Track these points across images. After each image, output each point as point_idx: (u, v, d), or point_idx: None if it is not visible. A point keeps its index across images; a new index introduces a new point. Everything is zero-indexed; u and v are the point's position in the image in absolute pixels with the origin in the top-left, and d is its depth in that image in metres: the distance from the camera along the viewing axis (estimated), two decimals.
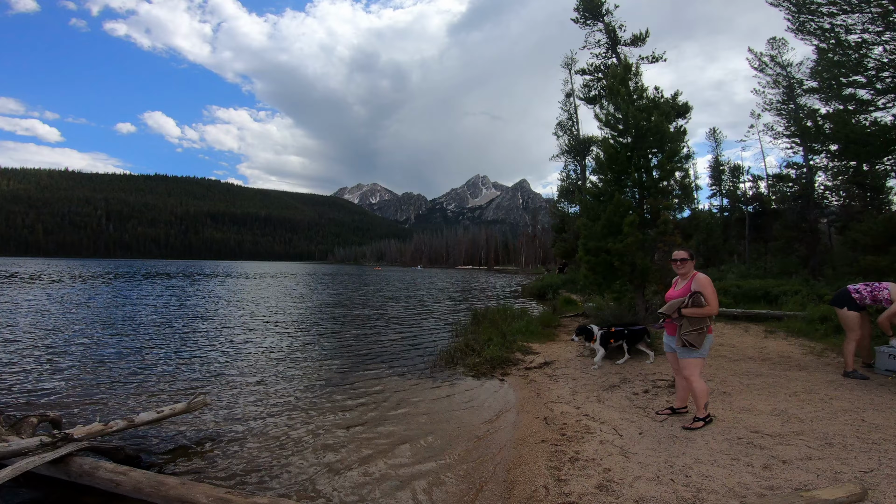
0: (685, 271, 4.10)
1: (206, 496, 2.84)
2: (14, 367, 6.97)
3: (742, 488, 2.84)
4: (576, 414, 4.71)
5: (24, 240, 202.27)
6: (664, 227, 8.43)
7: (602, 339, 6.92)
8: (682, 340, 3.93)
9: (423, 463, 3.88)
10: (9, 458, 3.25)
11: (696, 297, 3.88)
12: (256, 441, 4.37)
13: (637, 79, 8.66)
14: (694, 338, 3.89)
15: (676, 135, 8.48)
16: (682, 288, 4.05)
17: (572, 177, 26.46)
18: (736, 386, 5.43)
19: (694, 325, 3.90)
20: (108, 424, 3.91)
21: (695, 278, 4.01)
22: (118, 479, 3.18)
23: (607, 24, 19.05)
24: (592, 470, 3.29)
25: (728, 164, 29.39)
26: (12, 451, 3.26)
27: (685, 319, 3.93)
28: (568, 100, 25.97)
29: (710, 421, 4.09)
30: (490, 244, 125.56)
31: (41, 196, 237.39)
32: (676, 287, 4.18)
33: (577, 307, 14.87)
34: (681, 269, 4.11)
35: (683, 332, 3.92)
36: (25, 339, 9.19)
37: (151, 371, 6.93)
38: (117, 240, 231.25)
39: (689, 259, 4.07)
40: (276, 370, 7.10)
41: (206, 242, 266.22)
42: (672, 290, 4.20)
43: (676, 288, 4.17)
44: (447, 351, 8.10)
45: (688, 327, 3.91)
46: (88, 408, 5.23)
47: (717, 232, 26.14)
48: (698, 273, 4.05)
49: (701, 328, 3.90)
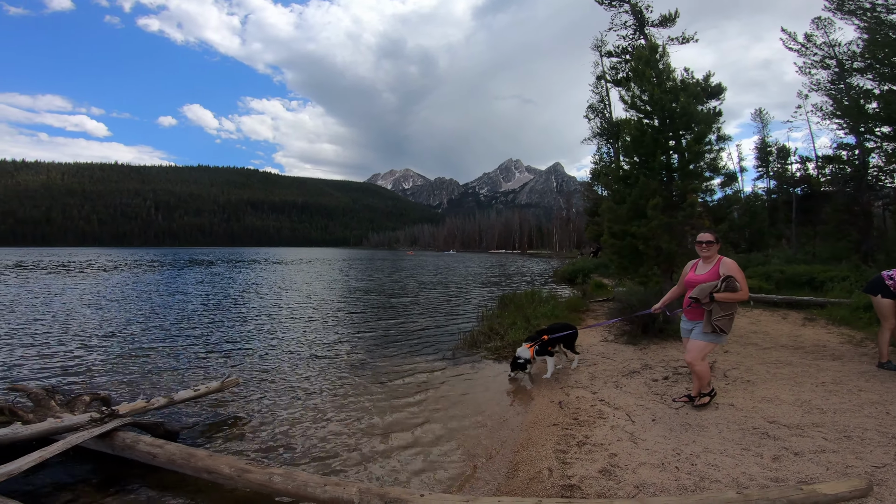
0: (709, 254, 4.01)
1: (229, 467, 3.06)
2: (69, 348, 7.61)
3: (746, 479, 2.82)
4: (591, 399, 4.73)
5: (81, 231, 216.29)
6: (691, 210, 8.17)
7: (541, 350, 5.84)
8: (714, 326, 3.84)
9: (437, 445, 4.00)
10: (62, 433, 3.52)
11: (731, 280, 3.77)
12: (282, 417, 4.62)
13: (664, 60, 8.30)
14: (725, 323, 3.83)
15: (707, 116, 8.12)
16: (709, 272, 3.96)
17: (605, 159, 25.77)
18: (761, 374, 5.28)
19: (726, 310, 3.82)
20: (151, 401, 4.19)
21: (721, 262, 3.93)
22: (155, 451, 3.41)
23: (633, 5, 18.25)
24: (598, 454, 3.34)
25: (775, 145, 27.76)
26: (65, 426, 3.55)
27: (716, 304, 3.82)
28: (599, 82, 25.22)
29: (715, 394, 4.24)
30: (523, 228, 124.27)
31: (94, 189, 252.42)
32: (697, 271, 4.09)
33: (607, 292, 14.63)
34: (705, 251, 4.02)
35: (715, 317, 3.83)
36: (79, 323, 9.97)
37: (189, 352, 7.40)
38: (166, 229, 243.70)
39: (714, 242, 3.98)
40: (305, 351, 7.42)
41: (247, 230, 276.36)
42: (692, 273, 4.12)
43: (698, 272, 4.08)
44: (471, 334, 8.21)
45: (719, 312, 3.82)
46: (131, 386, 5.65)
47: (762, 215, 24.90)
48: (724, 257, 3.97)
49: (731, 314, 3.84)
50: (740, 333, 7.82)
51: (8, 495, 2.81)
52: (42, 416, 3.86)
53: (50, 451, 3.18)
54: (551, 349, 5.91)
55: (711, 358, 5.91)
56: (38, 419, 3.77)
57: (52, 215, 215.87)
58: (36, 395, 4.22)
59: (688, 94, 7.77)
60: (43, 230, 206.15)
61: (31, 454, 3.06)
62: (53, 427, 3.52)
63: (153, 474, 3.41)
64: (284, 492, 2.88)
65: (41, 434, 3.49)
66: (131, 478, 3.41)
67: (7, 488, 2.93)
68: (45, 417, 3.77)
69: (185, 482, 3.27)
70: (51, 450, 3.19)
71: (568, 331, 6.11)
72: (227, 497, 3.15)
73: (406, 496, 2.61)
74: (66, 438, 3.39)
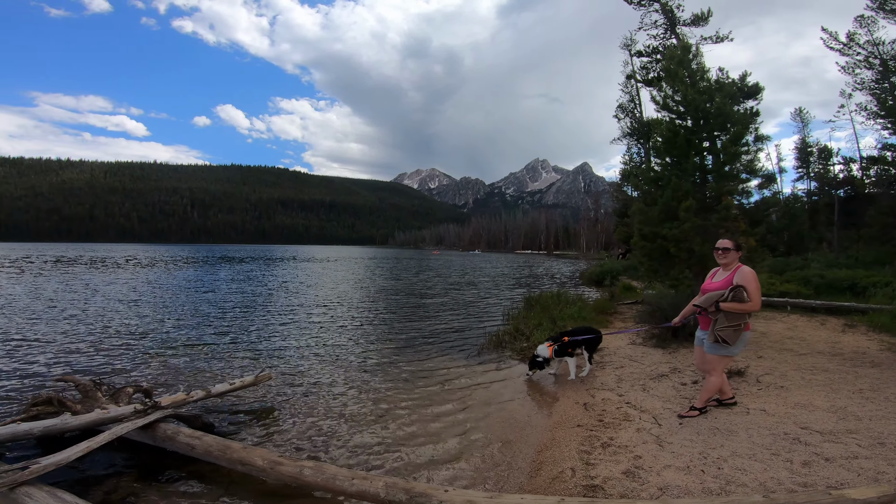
0: (727, 261, 3.89)
1: (262, 459, 3.15)
2: (112, 341, 8.06)
3: (774, 483, 2.82)
4: (617, 401, 4.74)
5: (122, 227, 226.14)
6: (725, 212, 7.99)
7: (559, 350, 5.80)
8: (716, 336, 3.74)
9: (460, 442, 4.09)
10: (108, 424, 3.63)
11: (739, 291, 3.66)
12: (311, 412, 4.79)
13: (698, 60, 8.13)
14: (729, 334, 3.70)
15: (744, 117, 7.92)
16: (723, 280, 3.86)
17: (636, 160, 25.33)
18: (796, 381, 5.18)
19: (731, 320, 3.70)
20: (190, 394, 4.32)
21: (738, 271, 3.81)
22: (193, 443, 3.49)
23: (664, 5, 17.85)
24: (623, 456, 3.37)
25: (817, 145, 26.67)
26: (111, 417, 3.67)
27: (722, 314, 3.72)
28: (629, 82, 24.82)
29: (706, 412, 4.12)
30: (550, 228, 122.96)
31: (135, 187, 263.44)
32: (715, 278, 4.00)
33: (636, 294, 14.43)
34: (722, 258, 3.90)
35: (718, 327, 3.73)
36: (120, 317, 10.55)
37: (223, 347, 7.71)
38: (201, 226, 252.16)
39: (732, 249, 3.85)
40: (334, 349, 7.65)
41: (277, 228, 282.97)
42: (709, 281, 4.03)
43: (715, 279, 3.98)
44: (496, 335, 8.29)
45: (724, 322, 3.71)
46: (168, 378, 5.91)
47: (801, 218, 23.99)
48: (743, 265, 3.85)
49: (738, 325, 3.71)
50: (776, 339, 7.63)
51: (54, 484, 2.88)
52: (89, 406, 3.96)
53: (97, 442, 3.27)
54: (571, 351, 5.88)
55: (744, 363, 5.82)
56: (86, 410, 3.88)
57: (94, 212, 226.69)
58: (84, 386, 4.29)
59: (723, 95, 7.60)
60: (87, 226, 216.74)
61: (78, 444, 3.16)
62: (100, 418, 3.64)
63: (189, 465, 3.51)
64: (314, 484, 2.94)
65: (89, 425, 3.60)
66: (169, 468, 3.52)
67: (52, 478, 2.99)
68: (93, 408, 3.88)
69: (218, 473, 3.38)
70: (97, 440, 3.29)
71: (589, 335, 6.04)
72: (259, 489, 3.25)
73: (430, 491, 2.65)
74: (111, 429, 3.50)
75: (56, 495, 2.70)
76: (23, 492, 2.67)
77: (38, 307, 11.46)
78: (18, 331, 8.51)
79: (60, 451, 3.02)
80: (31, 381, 5.62)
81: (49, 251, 58.14)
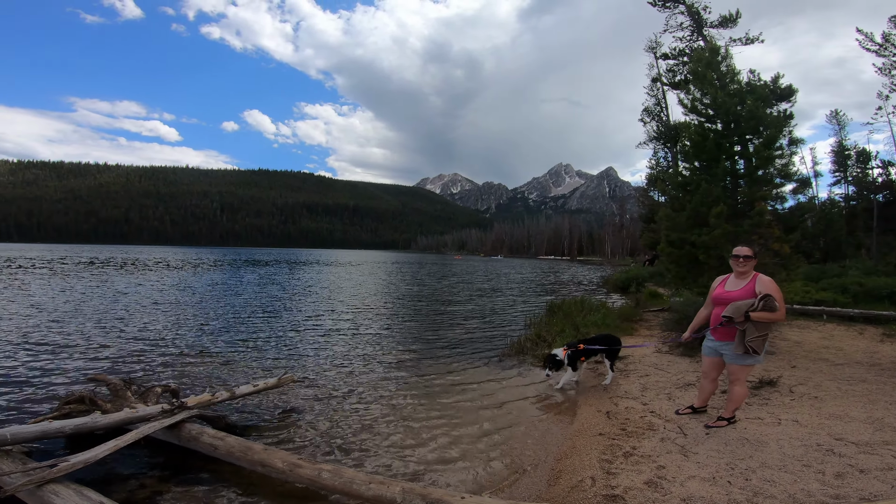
0: (745, 270, 3.82)
1: (282, 461, 3.20)
2: (140, 342, 8.31)
3: (804, 495, 2.74)
4: (641, 410, 4.67)
5: (155, 230, 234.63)
6: (759, 218, 7.78)
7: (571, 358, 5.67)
8: (747, 347, 3.65)
9: (479, 449, 4.08)
10: (136, 423, 3.69)
11: (769, 300, 3.57)
12: (332, 415, 4.81)
13: (727, 62, 7.96)
14: (759, 344, 3.64)
15: (777, 120, 7.71)
16: (743, 289, 3.77)
17: (662, 164, 24.85)
18: (832, 391, 5.00)
19: (761, 330, 3.63)
20: (215, 395, 4.37)
21: (758, 279, 3.74)
22: (216, 443, 3.54)
23: (689, 6, 17.48)
24: (645, 466, 3.30)
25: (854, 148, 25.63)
26: (139, 416, 3.72)
27: (751, 324, 3.62)
28: (654, 85, 24.38)
29: (735, 422, 4.03)
30: (573, 234, 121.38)
31: (168, 191, 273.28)
32: (727, 286, 3.91)
33: (662, 301, 14.12)
34: (741, 266, 3.82)
35: (749, 337, 3.64)
36: (149, 317, 10.95)
37: (248, 349, 7.88)
38: (230, 230, 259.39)
39: (752, 257, 3.81)
40: (356, 353, 7.72)
41: (302, 232, 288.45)
42: (721, 289, 3.93)
43: (728, 287, 3.89)
44: (518, 341, 8.25)
45: (754, 333, 3.63)
46: (193, 379, 6.03)
47: (838, 223, 23.06)
48: (760, 274, 3.79)
49: (766, 334, 3.66)
50: (811, 348, 7.38)
51: (79, 482, 2.90)
52: (119, 405, 4.05)
53: (124, 440, 3.32)
54: (584, 360, 5.79)
55: (776, 373, 5.65)
56: (115, 409, 3.97)
57: (130, 215, 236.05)
58: (115, 385, 4.40)
59: (755, 97, 7.41)
60: (122, 229, 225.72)
61: (107, 443, 3.20)
62: (129, 417, 3.70)
63: (211, 465, 3.57)
64: (331, 487, 2.96)
65: (118, 423, 3.66)
66: (191, 468, 3.57)
67: (78, 476, 3.00)
68: (122, 407, 3.97)
69: (238, 475, 3.44)
70: (125, 439, 3.34)
71: (602, 345, 5.83)
72: (277, 491, 3.29)
73: (447, 497, 2.65)
74: (139, 428, 3.56)
75: (82, 493, 2.74)
76: (50, 489, 2.71)
77: (70, 307, 11.97)
78: (49, 331, 8.81)
79: (89, 450, 3.07)
80: (60, 380, 5.80)
81: (86, 253, 60.75)
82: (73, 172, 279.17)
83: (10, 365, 6.40)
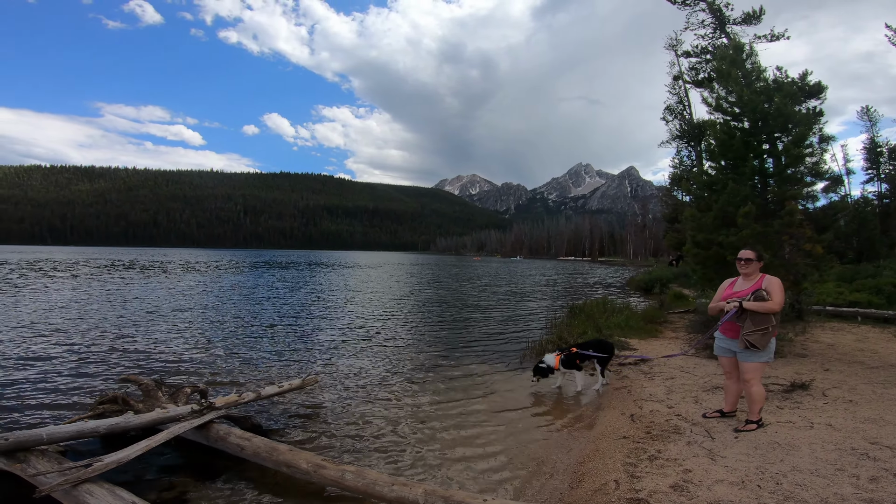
0: (749, 272, 3.88)
1: (307, 462, 3.22)
2: (168, 343, 8.54)
3: (837, 499, 2.68)
4: (666, 413, 4.62)
5: (182, 233, 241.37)
6: (790, 217, 7.58)
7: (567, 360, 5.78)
8: (745, 341, 3.68)
9: (501, 451, 4.09)
10: (167, 423, 3.73)
11: (759, 292, 3.66)
12: (355, 418, 4.84)
13: (752, 59, 7.78)
14: (757, 339, 3.64)
15: (806, 117, 7.51)
16: (749, 289, 3.84)
17: (686, 163, 24.35)
18: (867, 395, 4.87)
19: (758, 324, 3.64)
20: (241, 396, 4.41)
21: (765, 279, 3.82)
22: (243, 444, 3.56)
23: (710, 3, 17.06)
24: (671, 469, 3.25)
25: (886, 144, 24.66)
26: (170, 416, 3.76)
27: (748, 318, 3.68)
28: (676, 83, 23.91)
29: (763, 425, 3.95)
30: (594, 234, 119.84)
31: (193, 194, 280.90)
32: (736, 287, 4.00)
33: (688, 303, 13.86)
34: (744, 268, 3.88)
35: (746, 331, 3.69)
36: (175, 319, 11.28)
37: (272, 350, 8.01)
38: (253, 232, 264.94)
39: (754, 260, 3.84)
40: (379, 356, 7.79)
41: (323, 234, 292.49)
42: (730, 290, 4.02)
43: (736, 288, 3.99)
44: (539, 343, 8.23)
45: (750, 327, 3.67)
46: (219, 379, 6.15)
47: (872, 222, 22.22)
48: (767, 275, 3.84)
49: (766, 328, 3.64)
50: (844, 351, 7.18)
51: (111, 482, 2.92)
52: (150, 406, 4.10)
53: (155, 441, 3.35)
54: (579, 363, 5.83)
55: (808, 376, 5.51)
56: (147, 409, 4.03)
57: (158, 218, 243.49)
58: (146, 385, 4.44)
59: (783, 95, 7.23)
60: (150, 232, 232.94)
61: (138, 443, 3.22)
62: (160, 417, 3.75)
63: (237, 465, 3.61)
64: (354, 489, 2.97)
65: (150, 423, 3.70)
66: (218, 469, 3.62)
67: (109, 476, 3.00)
68: (153, 407, 4.02)
69: (264, 475, 3.48)
70: (156, 439, 3.37)
71: (596, 351, 5.84)
72: (301, 491, 3.31)
73: (470, 500, 2.65)
74: (170, 428, 3.59)
75: (115, 493, 2.77)
76: (85, 489, 2.74)
77: (103, 309, 12.42)
78: (80, 332, 9.04)
79: (122, 449, 3.10)
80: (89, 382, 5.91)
81: (115, 255, 62.66)
82: (103, 176, 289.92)
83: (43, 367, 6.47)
